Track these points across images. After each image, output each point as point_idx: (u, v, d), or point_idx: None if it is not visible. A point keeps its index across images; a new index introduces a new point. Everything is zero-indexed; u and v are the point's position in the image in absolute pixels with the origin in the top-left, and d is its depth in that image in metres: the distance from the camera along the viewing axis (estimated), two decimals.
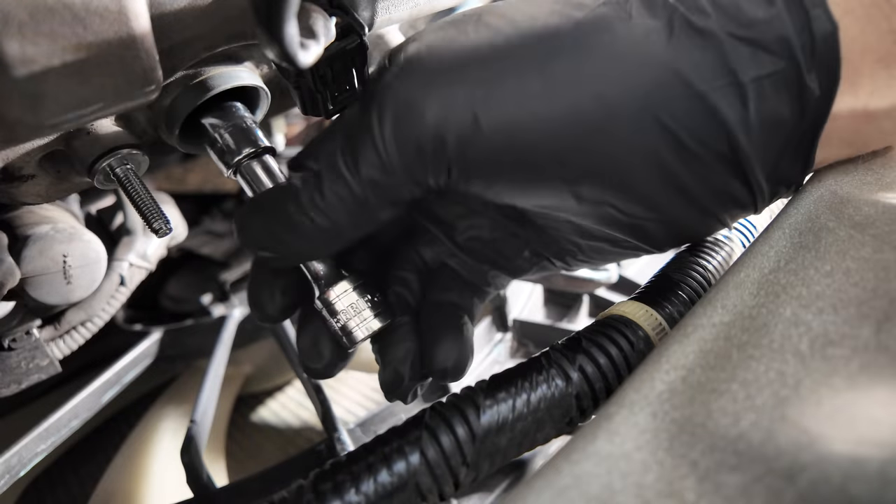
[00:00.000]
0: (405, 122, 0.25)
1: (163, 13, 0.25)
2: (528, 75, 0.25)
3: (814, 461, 0.17)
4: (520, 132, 0.25)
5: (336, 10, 0.27)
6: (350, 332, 0.30)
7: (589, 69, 0.25)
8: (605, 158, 0.26)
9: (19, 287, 0.37)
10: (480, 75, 0.25)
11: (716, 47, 0.24)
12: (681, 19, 0.24)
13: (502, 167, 0.26)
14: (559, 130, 0.25)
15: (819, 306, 0.22)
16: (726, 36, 0.24)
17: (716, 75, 0.24)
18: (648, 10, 0.25)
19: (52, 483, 0.60)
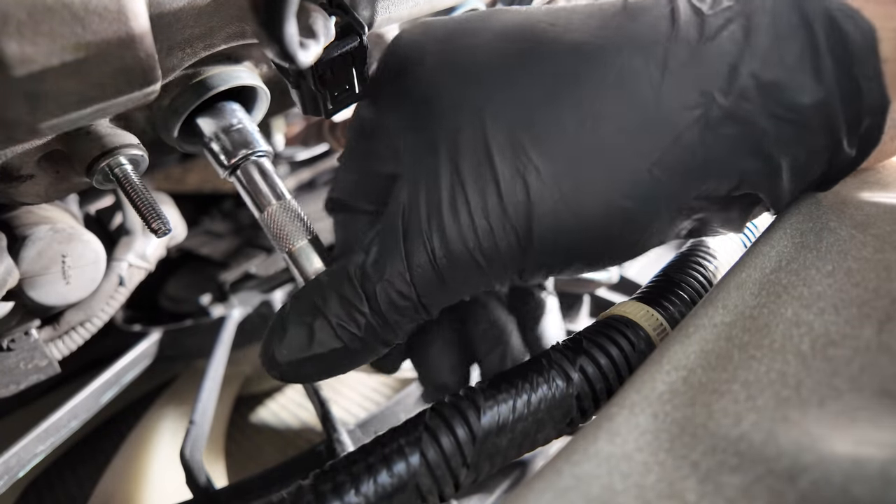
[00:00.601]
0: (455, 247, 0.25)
1: (162, 13, 0.25)
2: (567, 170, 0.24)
3: (815, 462, 0.16)
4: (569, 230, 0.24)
5: (336, 10, 0.27)
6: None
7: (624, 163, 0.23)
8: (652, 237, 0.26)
9: (18, 287, 0.37)
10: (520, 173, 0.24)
11: (754, 132, 0.23)
12: (718, 109, 0.22)
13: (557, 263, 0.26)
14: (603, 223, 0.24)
15: (820, 306, 0.22)
16: (765, 118, 0.22)
17: (753, 158, 0.23)
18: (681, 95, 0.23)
19: (51, 484, 0.60)
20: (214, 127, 0.30)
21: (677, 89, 0.23)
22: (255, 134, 0.31)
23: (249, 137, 0.30)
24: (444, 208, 0.25)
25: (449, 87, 0.26)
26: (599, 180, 0.24)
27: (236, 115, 0.31)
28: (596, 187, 0.24)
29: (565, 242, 0.25)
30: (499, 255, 0.25)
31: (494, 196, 0.24)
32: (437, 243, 0.25)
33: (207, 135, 0.30)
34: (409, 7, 0.34)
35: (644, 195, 0.24)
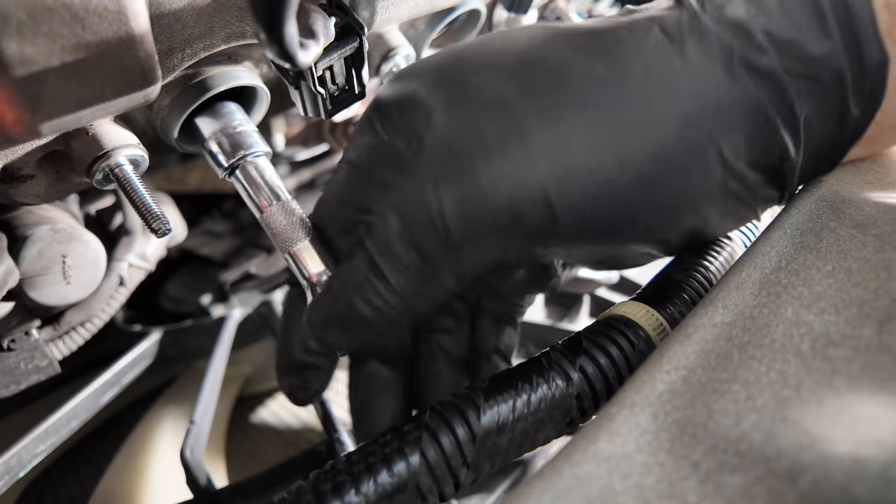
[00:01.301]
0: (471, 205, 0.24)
1: (162, 13, 0.25)
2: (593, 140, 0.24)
3: (815, 462, 0.16)
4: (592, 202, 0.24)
5: (335, 10, 0.27)
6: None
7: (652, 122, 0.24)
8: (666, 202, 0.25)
9: (18, 288, 0.37)
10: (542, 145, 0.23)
11: (775, 84, 0.24)
12: (739, 59, 0.24)
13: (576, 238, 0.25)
14: (628, 190, 0.24)
15: (820, 306, 0.22)
16: (784, 73, 0.24)
17: (776, 110, 0.24)
18: (705, 52, 0.24)
19: (52, 484, 0.60)
20: (213, 127, 0.30)
21: (702, 46, 0.24)
22: (254, 134, 0.31)
23: (248, 138, 0.30)
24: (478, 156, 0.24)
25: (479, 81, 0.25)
26: (638, 126, 0.24)
27: (235, 115, 0.31)
28: (636, 133, 0.24)
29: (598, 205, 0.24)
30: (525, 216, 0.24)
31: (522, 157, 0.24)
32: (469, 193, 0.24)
33: (206, 135, 0.30)
34: (409, 7, 0.34)
35: (677, 148, 0.24)
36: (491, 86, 0.24)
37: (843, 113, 0.25)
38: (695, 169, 0.25)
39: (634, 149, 0.24)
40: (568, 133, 0.24)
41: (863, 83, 0.24)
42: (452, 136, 0.24)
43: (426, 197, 0.24)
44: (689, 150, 0.24)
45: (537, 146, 0.23)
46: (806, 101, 0.24)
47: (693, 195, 0.25)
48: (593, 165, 0.24)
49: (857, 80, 0.24)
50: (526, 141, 0.24)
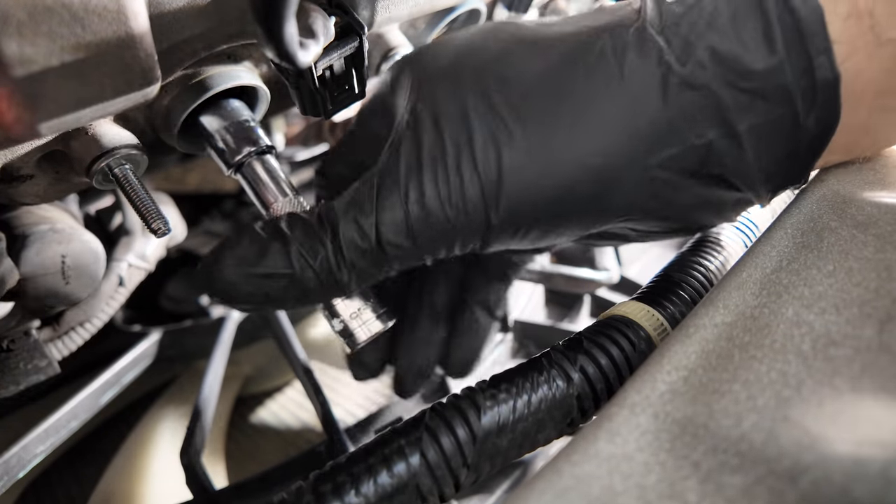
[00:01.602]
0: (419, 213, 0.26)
1: (162, 12, 0.25)
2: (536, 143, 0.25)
3: (816, 462, 0.16)
4: (538, 196, 0.26)
5: (335, 10, 0.27)
6: (352, 333, 0.30)
7: (591, 133, 0.25)
8: (619, 205, 0.27)
9: (18, 287, 0.37)
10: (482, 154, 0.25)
11: (711, 100, 0.24)
12: (676, 75, 0.25)
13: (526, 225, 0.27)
14: (571, 190, 0.26)
15: (821, 306, 0.22)
16: (723, 87, 0.24)
17: (711, 126, 0.25)
18: (643, 68, 0.25)
19: (51, 484, 0.60)
20: (218, 125, 0.30)
21: (640, 63, 0.25)
22: (258, 130, 0.31)
23: (253, 134, 0.30)
24: (425, 163, 0.26)
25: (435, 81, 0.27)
26: (567, 142, 0.25)
27: (240, 112, 0.31)
28: (563, 148, 0.25)
29: (531, 201, 0.26)
30: (466, 212, 0.26)
31: (469, 157, 0.25)
32: (412, 194, 0.26)
33: (211, 133, 0.30)
34: (409, 7, 0.34)
35: (607, 157, 0.25)
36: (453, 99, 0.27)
37: (794, 126, 0.25)
38: (634, 174, 0.26)
39: (564, 158, 0.25)
40: (507, 141, 0.25)
41: (814, 97, 0.24)
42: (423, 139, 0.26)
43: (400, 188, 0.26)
44: (618, 162, 0.25)
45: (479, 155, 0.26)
46: (749, 115, 0.24)
47: (632, 193, 0.26)
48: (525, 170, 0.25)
49: (807, 95, 0.24)
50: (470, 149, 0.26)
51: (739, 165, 0.26)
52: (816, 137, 0.25)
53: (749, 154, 0.25)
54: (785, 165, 0.26)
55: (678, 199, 0.27)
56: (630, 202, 0.26)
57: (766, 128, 0.25)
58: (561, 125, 0.25)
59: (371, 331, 0.30)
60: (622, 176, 0.26)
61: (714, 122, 0.25)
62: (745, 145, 0.25)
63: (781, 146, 0.25)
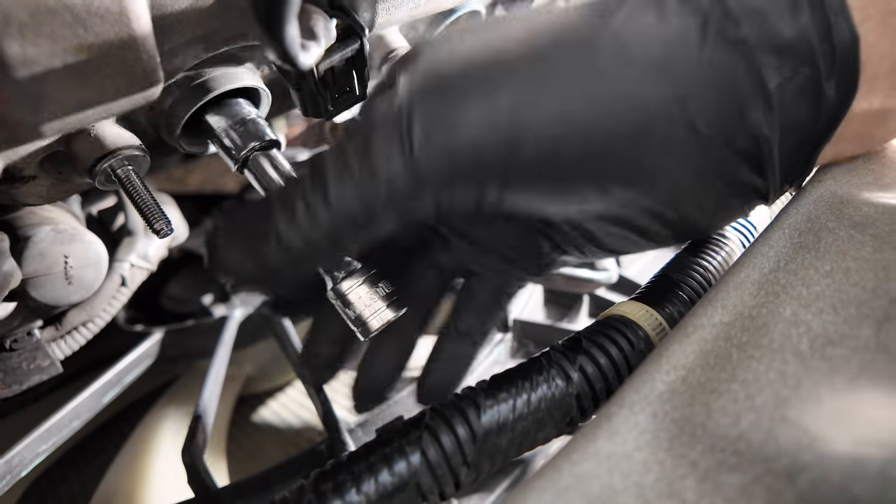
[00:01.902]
0: (437, 139, 0.24)
1: (164, 14, 0.25)
2: (564, 84, 0.24)
3: (814, 461, 0.17)
4: (560, 142, 0.24)
5: (337, 12, 0.27)
6: (364, 322, 0.30)
7: (623, 74, 0.24)
8: (640, 160, 0.25)
9: (20, 288, 0.37)
10: (514, 86, 0.24)
11: (747, 55, 0.24)
12: (714, 23, 0.24)
13: (541, 179, 0.25)
14: (597, 138, 0.25)
15: (819, 306, 0.22)
16: (756, 43, 0.24)
17: (746, 82, 0.24)
18: (682, 11, 0.24)
19: (54, 483, 0.60)
20: (223, 123, 0.30)
21: (677, 13, 0.24)
22: (264, 126, 0.31)
23: (258, 130, 0.31)
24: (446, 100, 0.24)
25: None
26: (605, 74, 0.24)
27: (244, 108, 0.31)
28: (602, 79, 0.24)
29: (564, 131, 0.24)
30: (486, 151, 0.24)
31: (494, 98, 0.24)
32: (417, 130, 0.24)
33: (217, 130, 0.30)
34: (410, 9, 0.34)
35: (646, 92, 0.24)
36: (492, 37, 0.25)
37: (817, 93, 0.25)
38: (660, 126, 0.25)
39: (603, 96, 0.24)
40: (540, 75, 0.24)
41: (833, 62, 0.24)
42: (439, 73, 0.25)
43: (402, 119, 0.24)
44: (656, 106, 0.24)
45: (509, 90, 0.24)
46: (777, 77, 0.24)
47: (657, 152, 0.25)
48: (561, 107, 0.24)
49: (828, 59, 0.24)
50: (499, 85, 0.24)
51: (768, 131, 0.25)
52: (835, 107, 0.25)
53: (776, 118, 0.25)
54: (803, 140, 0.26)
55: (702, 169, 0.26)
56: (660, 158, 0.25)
57: (792, 88, 0.25)
58: (601, 61, 0.24)
59: (384, 319, 0.30)
60: (656, 124, 0.24)
61: (748, 76, 0.24)
62: (774, 106, 0.25)
63: (803, 113, 0.25)
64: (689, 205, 0.27)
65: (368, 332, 0.30)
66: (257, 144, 0.30)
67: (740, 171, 0.26)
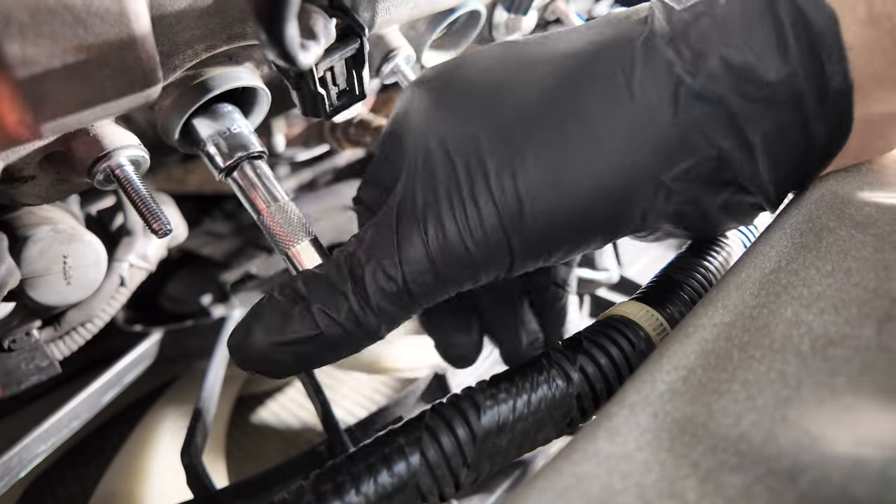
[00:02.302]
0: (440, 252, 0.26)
1: (163, 14, 0.25)
2: (551, 165, 0.25)
3: (815, 462, 0.17)
4: (557, 217, 0.26)
5: (336, 12, 0.27)
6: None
7: (605, 152, 0.25)
8: (636, 215, 0.26)
9: (19, 288, 0.37)
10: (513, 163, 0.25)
11: (724, 110, 0.24)
12: (686, 88, 0.24)
13: (549, 247, 0.27)
14: (590, 208, 0.26)
15: (820, 306, 0.22)
16: (736, 97, 0.24)
17: (724, 136, 0.25)
18: (652, 85, 0.25)
19: (52, 484, 0.60)
20: (211, 130, 0.30)
21: (651, 77, 0.25)
22: (250, 136, 0.31)
23: (245, 140, 0.30)
24: (440, 196, 0.26)
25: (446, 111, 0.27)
26: (580, 163, 0.25)
27: (232, 116, 0.31)
28: (577, 169, 0.25)
29: (550, 224, 0.26)
30: (487, 241, 0.25)
31: (484, 186, 0.25)
32: (431, 230, 0.25)
33: (203, 137, 0.30)
34: (410, 9, 0.34)
35: (622, 176, 0.25)
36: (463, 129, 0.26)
37: (805, 135, 0.25)
38: (648, 189, 0.26)
39: (579, 179, 0.25)
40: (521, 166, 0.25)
41: (825, 105, 0.24)
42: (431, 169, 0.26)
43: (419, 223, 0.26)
44: (633, 180, 0.25)
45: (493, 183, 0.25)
46: (761, 124, 0.24)
47: (641, 219, 0.26)
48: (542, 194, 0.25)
49: (818, 103, 0.24)
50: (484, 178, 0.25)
51: (753, 173, 0.25)
52: (828, 144, 0.25)
53: (762, 162, 0.25)
54: (796, 169, 0.26)
55: (695, 208, 0.27)
56: (648, 216, 0.26)
57: (778, 135, 0.25)
58: (573, 146, 0.25)
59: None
60: (638, 192, 0.25)
61: (727, 132, 0.24)
62: (757, 153, 0.25)
63: (793, 152, 0.25)
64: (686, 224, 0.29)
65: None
66: (242, 154, 0.30)
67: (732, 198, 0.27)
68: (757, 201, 0.27)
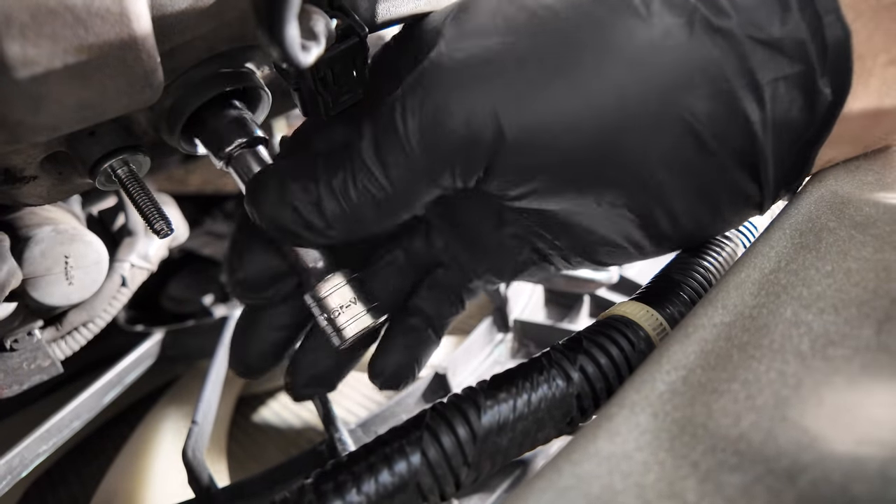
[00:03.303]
0: (432, 125, 0.25)
1: (164, 14, 0.25)
2: (551, 78, 0.25)
3: (814, 461, 0.17)
4: (545, 134, 0.25)
5: (336, 12, 0.27)
6: (340, 328, 0.29)
7: (610, 70, 0.25)
8: (627, 158, 0.26)
9: (21, 288, 0.37)
10: (504, 79, 0.25)
11: (736, 48, 0.24)
12: (701, 18, 0.24)
13: (528, 170, 0.26)
14: (584, 131, 0.25)
15: (820, 306, 0.22)
16: (746, 38, 0.24)
17: (736, 75, 0.24)
18: (668, 8, 0.24)
19: (54, 483, 0.60)
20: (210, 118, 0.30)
21: (664, 5, 0.25)
22: (250, 124, 0.31)
23: (245, 126, 0.30)
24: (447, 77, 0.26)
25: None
26: (591, 75, 0.25)
27: (233, 106, 0.31)
28: (587, 80, 0.25)
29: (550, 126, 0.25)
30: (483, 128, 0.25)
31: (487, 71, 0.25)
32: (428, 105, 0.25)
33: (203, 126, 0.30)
34: (410, 9, 0.34)
35: (629, 93, 0.25)
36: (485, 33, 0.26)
37: (811, 91, 0.25)
38: (650, 123, 0.25)
39: (588, 91, 0.25)
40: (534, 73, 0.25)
41: (826, 59, 0.24)
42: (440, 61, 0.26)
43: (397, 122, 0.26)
44: (648, 103, 0.25)
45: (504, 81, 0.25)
46: (769, 71, 0.24)
47: (645, 149, 0.25)
48: (554, 104, 0.25)
49: (821, 56, 0.24)
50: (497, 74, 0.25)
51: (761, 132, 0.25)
52: (829, 105, 0.25)
53: (769, 116, 0.25)
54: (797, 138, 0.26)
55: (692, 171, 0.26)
56: (648, 154, 0.26)
57: (785, 86, 0.24)
58: (586, 58, 0.25)
59: (362, 325, 0.29)
60: (644, 117, 0.25)
61: (740, 70, 0.24)
62: (766, 104, 0.25)
63: (797, 112, 0.25)
64: (679, 210, 0.28)
65: (343, 339, 0.29)
66: (242, 141, 0.30)
67: (734, 173, 0.26)
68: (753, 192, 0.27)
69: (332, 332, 0.29)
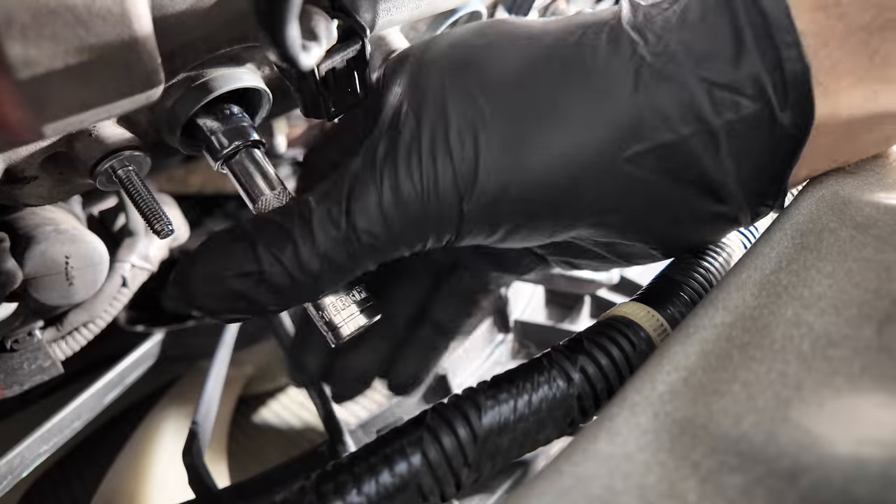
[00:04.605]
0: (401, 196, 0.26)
1: (165, 15, 0.25)
2: (511, 133, 0.26)
3: (815, 462, 0.17)
4: (511, 186, 0.26)
5: (338, 13, 0.27)
6: (336, 327, 0.29)
7: (564, 125, 0.25)
8: (582, 204, 0.26)
9: (21, 288, 0.37)
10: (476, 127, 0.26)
11: (685, 94, 0.24)
12: (648, 69, 0.25)
13: (499, 219, 0.27)
14: (545, 181, 0.26)
15: (821, 307, 0.22)
16: (697, 82, 0.24)
17: (685, 122, 0.25)
18: (616, 59, 0.25)
19: (55, 484, 0.60)
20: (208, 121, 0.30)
21: (614, 55, 0.25)
22: (248, 126, 0.31)
23: (242, 130, 0.31)
24: (400, 151, 0.26)
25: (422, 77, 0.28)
26: (540, 133, 0.25)
27: (230, 107, 0.31)
28: (536, 139, 0.25)
29: (503, 190, 0.26)
30: (439, 198, 0.26)
31: (444, 143, 0.26)
32: (386, 180, 0.26)
33: (200, 126, 0.31)
34: (411, 10, 0.34)
35: (579, 149, 0.25)
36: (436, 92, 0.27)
37: (770, 124, 0.25)
38: (606, 172, 0.25)
39: (537, 149, 0.25)
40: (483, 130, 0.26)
41: (786, 93, 0.24)
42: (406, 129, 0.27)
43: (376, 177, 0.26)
44: (589, 154, 0.25)
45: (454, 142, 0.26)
46: (724, 112, 0.24)
47: (605, 194, 0.26)
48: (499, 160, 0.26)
49: (779, 90, 0.24)
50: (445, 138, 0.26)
51: (717, 168, 0.25)
52: (793, 137, 0.25)
53: (726, 153, 0.25)
54: (763, 169, 0.26)
55: (653, 203, 0.26)
56: (602, 199, 0.26)
57: (742, 125, 0.25)
58: (534, 116, 0.25)
59: (357, 325, 0.30)
60: (593, 168, 0.25)
61: (689, 117, 0.24)
62: (721, 144, 0.25)
63: (758, 146, 0.25)
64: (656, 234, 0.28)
65: (340, 338, 0.29)
66: (239, 143, 0.30)
67: (697, 201, 0.27)
68: (721, 210, 0.27)
69: (328, 331, 0.30)
